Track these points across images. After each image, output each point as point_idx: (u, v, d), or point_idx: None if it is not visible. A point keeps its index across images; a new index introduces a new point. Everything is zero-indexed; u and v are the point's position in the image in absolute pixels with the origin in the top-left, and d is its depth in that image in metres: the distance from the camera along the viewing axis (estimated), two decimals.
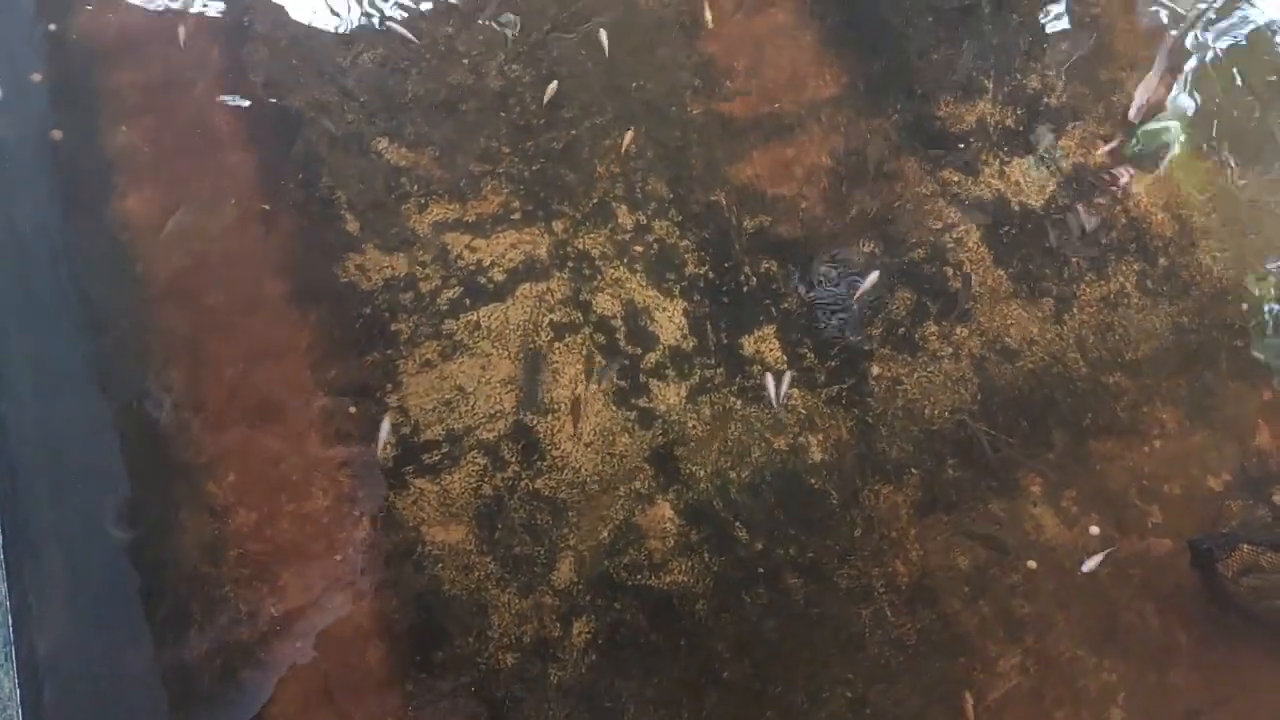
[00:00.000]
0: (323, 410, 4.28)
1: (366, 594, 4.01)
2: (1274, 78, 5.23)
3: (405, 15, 5.10)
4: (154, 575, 3.99)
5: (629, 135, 4.84)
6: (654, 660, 3.98)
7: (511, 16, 5.09)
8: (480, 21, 5.07)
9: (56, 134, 4.69)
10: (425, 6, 5.16)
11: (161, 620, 3.93)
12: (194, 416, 4.23)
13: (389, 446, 4.21)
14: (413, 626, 3.97)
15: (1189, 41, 5.32)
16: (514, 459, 4.25)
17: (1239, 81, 5.22)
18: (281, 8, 5.10)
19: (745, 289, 4.64)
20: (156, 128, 4.74)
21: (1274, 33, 5.35)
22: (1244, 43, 5.33)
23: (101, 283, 4.44)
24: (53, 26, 4.89)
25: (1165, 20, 5.37)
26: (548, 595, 4.04)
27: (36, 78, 4.79)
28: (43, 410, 4.24)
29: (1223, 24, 5.37)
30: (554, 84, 4.92)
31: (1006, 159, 4.97)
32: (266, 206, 4.64)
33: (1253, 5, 5.42)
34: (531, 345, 4.44)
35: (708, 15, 5.16)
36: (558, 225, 4.70)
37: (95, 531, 4.05)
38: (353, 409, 4.29)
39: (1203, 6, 5.40)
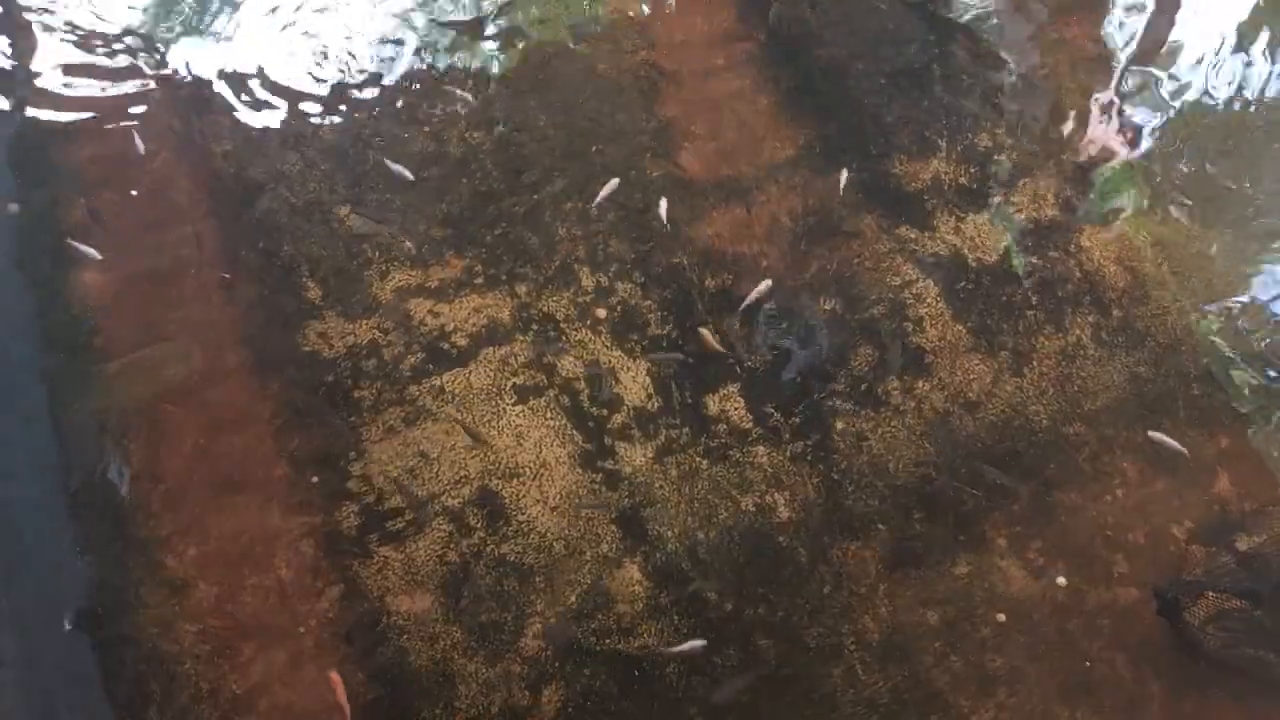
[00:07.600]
0: (285, 480, 4.23)
1: (331, 668, 3.92)
2: (1219, 130, 5.38)
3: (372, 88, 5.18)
4: (112, 654, 3.89)
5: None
6: None
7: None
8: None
9: (13, 207, 4.67)
10: (389, 79, 5.24)
11: (120, 701, 3.82)
12: (153, 490, 4.17)
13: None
14: (378, 699, 3.89)
15: (1136, 98, 5.47)
16: (480, 525, 4.21)
17: (1187, 135, 5.36)
18: (242, 79, 5.14)
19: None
20: (115, 200, 4.73)
21: (1218, 89, 5.52)
22: (1191, 98, 5.49)
23: (59, 356, 4.40)
24: (8, 102, 4.89)
25: (1112, 78, 5.53)
26: (516, 663, 3.98)
27: None
28: None
29: (1170, 82, 5.53)
30: None
31: (961, 215, 5.06)
32: (227, 276, 4.63)
33: (1197, 64, 5.60)
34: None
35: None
36: (521, 289, 4.72)
37: (50, 612, 3.95)
38: (315, 478, 4.24)
39: (1148, 66, 5.57)
